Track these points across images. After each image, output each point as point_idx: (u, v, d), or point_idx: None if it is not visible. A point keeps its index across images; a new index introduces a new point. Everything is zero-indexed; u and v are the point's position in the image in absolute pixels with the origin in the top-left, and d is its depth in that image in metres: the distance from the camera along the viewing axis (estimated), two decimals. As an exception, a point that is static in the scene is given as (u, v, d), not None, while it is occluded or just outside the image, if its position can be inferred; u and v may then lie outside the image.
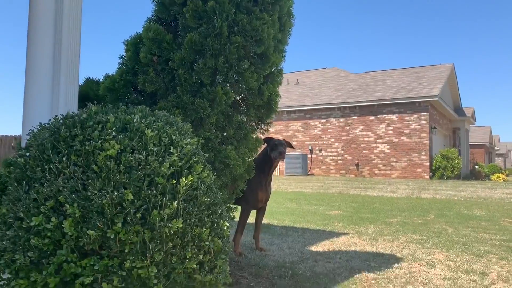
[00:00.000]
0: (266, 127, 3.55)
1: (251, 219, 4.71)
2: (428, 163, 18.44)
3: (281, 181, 16.24)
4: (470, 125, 29.19)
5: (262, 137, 3.81)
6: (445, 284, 3.42)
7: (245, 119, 3.27)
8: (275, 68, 3.37)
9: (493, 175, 23.42)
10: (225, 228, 2.22)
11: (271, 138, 4.37)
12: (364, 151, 19.86)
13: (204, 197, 2.09)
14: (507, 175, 28.77)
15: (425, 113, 18.63)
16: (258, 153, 4.31)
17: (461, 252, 4.66)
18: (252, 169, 3.52)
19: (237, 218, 4.17)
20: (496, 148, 51.09)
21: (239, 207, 4.21)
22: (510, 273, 3.84)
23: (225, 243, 2.25)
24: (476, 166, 26.19)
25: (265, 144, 4.30)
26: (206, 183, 2.16)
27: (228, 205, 3.46)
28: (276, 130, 21.73)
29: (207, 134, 2.90)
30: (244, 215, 4.27)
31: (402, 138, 19.00)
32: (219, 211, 2.19)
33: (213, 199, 2.18)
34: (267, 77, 3.31)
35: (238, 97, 3.30)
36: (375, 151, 19.60)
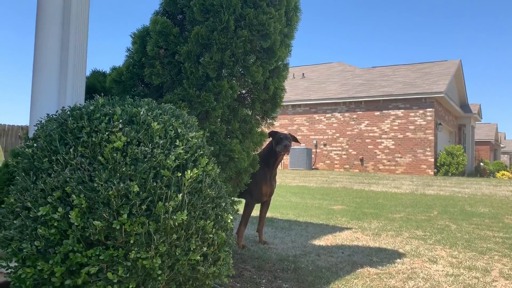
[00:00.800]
0: (271, 121, 3.56)
1: (255, 212, 4.74)
2: (432, 160, 18.40)
3: (285, 175, 16.26)
4: (476, 122, 29.03)
5: (267, 131, 3.82)
6: (447, 280, 3.44)
7: (250, 113, 3.28)
8: (281, 62, 3.37)
9: (498, 172, 23.33)
10: (229, 221, 2.24)
11: (276, 132, 4.38)
12: (369, 146, 19.83)
13: (208, 190, 2.11)
14: (512, 173, 28.59)
15: (430, 109, 18.55)
16: (263, 147, 4.33)
17: (464, 248, 4.67)
18: (257, 162, 3.53)
19: (241, 211, 4.20)
20: (501, 145, 50.78)
21: (243, 200, 4.23)
22: (512, 270, 3.85)
23: (228, 235, 2.27)
24: (481, 163, 26.09)
25: (270, 138, 4.32)
26: (211, 176, 2.18)
27: (232, 198, 3.49)
28: (281, 124, 21.73)
29: (212, 127, 2.91)
30: (248, 209, 4.29)
31: (407, 134, 18.94)
32: (223, 204, 2.21)
33: (217, 192, 2.20)
34: (272, 72, 3.32)
35: (243, 91, 3.31)
36: (379, 147, 19.57)
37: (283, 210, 7.22)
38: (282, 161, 21.48)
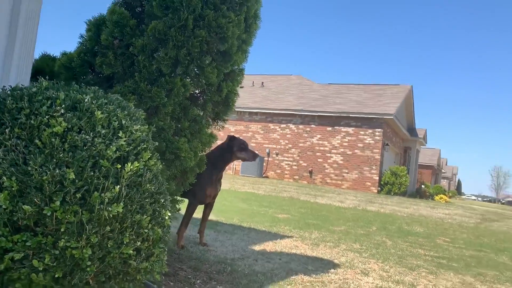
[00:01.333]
0: (222, 123, 3.59)
1: (198, 214, 4.72)
2: (377, 178, 19.11)
3: (236, 180, 16.29)
4: (421, 146, 30.47)
5: (221, 133, 3.84)
6: (375, 292, 3.59)
7: (201, 113, 3.29)
8: (236, 67, 3.42)
9: (437, 195, 24.61)
10: (166, 217, 2.23)
11: (235, 137, 4.40)
12: (319, 160, 20.30)
13: (148, 184, 2.10)
14: (449, 197, 30.30)
15: (379, 129, 19.30)
16: (214, 148, 4.33)
17: (395, 264, 4.88)
18: (204, 163, 3.54)
19: (183, 211, 4.17)
20: (443, 170, 53.58)
21: (187, 200, 4.21)
22: (436, 286, 4.08)
23: (165, 232, 2.27)
24: (423, 186, 27.41)
25: (220, 141, 4.33)
26: (152, 171, 2.17)
27: (175, 197, 3.47)
28: (236, 130, 21.79)
29: (161, 123, 2.90)
30: (191, 209, 4.28)
31: (355, 151, 19.58)
32: (162, 200, 2.21)
33: (157, 188, 2.19)
34: (227, 75, 3.35)
35: (197, 91, 3.32)
36: (329, 161, 20.09)
37: (228, 214, 7.23)
38: (234, 166, 21.54)
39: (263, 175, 20.96)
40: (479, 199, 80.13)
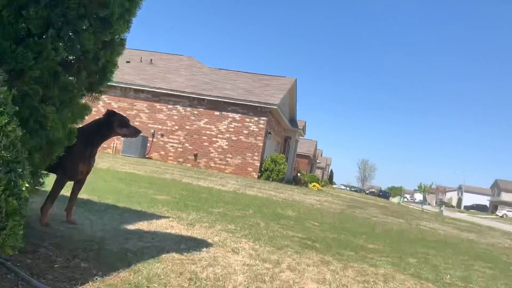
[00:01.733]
0: (98, 95, 3.40)
1: (67, 191, 4.43)
2: (258, 164, 19.93)
3: (116, 160, 15.59)
4: (300, 137, 32.52)
5: (102, 109, 3.63)
6: (242, 269, 3.77)
7: (74, 82, 3.08)
8: (117, 36, 3.26)
9: (310, 183, 26.61)
10: (23, 189, 2.07)
11: (115, 112, 4.21)
12: (204, 144, 20.44)
13: (3, 151, 1.92)
14: (322, 186, 33.00)
15: (264, 118, 20.11)
16: (90, 122, 4.10)
17: (265, 243, 5.17)
18: (75, 136, 3.33)
19: (48, 186, 3.88)
20: (318, 161, 57.98)
21: (53, 175, 3.93)
22: (298, 264, 4.43)
23: (22, 205, 2.09)
24: (299, 174, 29.36)
25: (98, 115, 4.11)
26: (10, 138, 1.98)
27: (40, 170, 3.21)
28: (119, 106, 20.83)
29: (26, 88, 2.64)
30: (59, 185, 4.00)
31: (240, 137, 20.14)
32: (20, 170, 2.04)
33: (15, 157, 2.01)
34: (106, 44, 3.18)
35: (71, 57, 3.09)
36: (214, 145, 20.35)
37: (103, 194, 6.90)
38: (115, 145, 20.59)
39: (146, 156, 20.42)
40: (347, 188, 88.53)
